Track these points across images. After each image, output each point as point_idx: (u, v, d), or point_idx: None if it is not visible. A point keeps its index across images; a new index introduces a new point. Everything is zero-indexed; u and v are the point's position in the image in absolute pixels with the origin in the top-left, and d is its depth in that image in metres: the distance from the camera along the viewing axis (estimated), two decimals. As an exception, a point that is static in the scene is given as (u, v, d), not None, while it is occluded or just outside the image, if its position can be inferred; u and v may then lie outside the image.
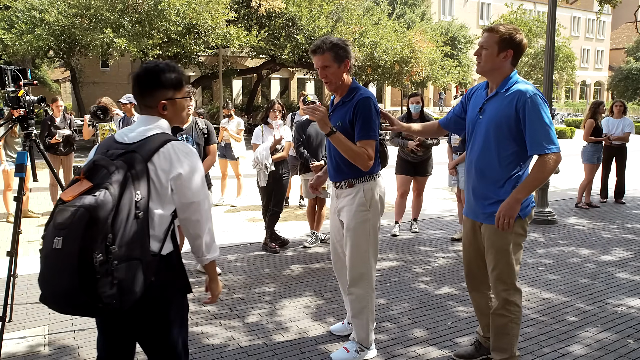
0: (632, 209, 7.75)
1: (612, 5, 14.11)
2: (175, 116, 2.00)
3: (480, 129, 2.68)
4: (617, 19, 53.42)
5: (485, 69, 2.64)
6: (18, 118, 3.45)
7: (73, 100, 27.33)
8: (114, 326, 1.96)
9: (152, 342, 1.96)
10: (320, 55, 2.78)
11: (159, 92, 1.92)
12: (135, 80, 1.93)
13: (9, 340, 3.32)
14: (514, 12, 31.00)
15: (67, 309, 1.70)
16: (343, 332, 3.39)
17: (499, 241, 2.66)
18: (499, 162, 2.62)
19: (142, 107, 1.96)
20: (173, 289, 1.93)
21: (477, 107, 2.73)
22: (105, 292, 1.61)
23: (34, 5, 15.43)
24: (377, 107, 2.86)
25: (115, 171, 1.70)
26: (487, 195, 2.68)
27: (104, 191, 1.64)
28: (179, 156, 1.85)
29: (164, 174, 1.82)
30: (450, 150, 5.97)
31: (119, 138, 1.89)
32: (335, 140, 2.77)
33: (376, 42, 20.58)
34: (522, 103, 2.52)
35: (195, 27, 15.94)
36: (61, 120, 7.09)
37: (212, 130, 4.55)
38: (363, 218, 2.93)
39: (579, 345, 3.29)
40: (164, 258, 1.87)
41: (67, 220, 1.59)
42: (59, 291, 1.62)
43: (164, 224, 1.85)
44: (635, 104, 39.97)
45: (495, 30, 2.58)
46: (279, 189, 5.40)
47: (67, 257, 1.57)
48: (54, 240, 1.59)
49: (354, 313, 3.04)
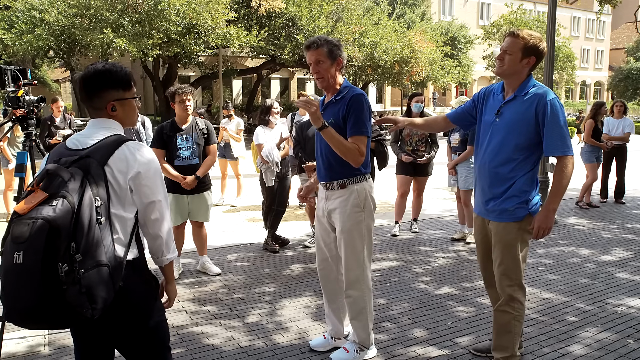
0: (632, 209, 7.75)
1: (612, 5, 14.11)
2: (126, 117, 1.93)
3: (497, 131, 2.73)
4: (617, 19, 53.42)
5: (506, 73, 2.70)
6: (18, 118, 3.46)
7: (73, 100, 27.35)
8: (88, 336, 1.92)
9: (129, 349, 1.93)
10: (314, 50, 2.80)
11: (107, 93, 1.86)
12: (82, 83, 1.85)
13: (9, 340, 3.31)
14: (514, 12, 30.98)
15: (36, 325, 1.65)
16: (325, 347, 3.19)
17: (506, 237, 2.72)
18: (515, 164, 2.69)
19: (91, 111, 1.90)
20: (143, 293, 1.90)
21: (494, 109, 2.78)
22: (74, 302, 1.57)
23: (34, 5, 15.44)
24: (370, 105, 2.87)
25: (70, 178, 1.64)
26: (497, 194, 2.74)
27: (61, 200, 1.59)
28: (135, 156, 1.81)
29: (121, 175, 1.77)
30: (450, 150, 5.97)
31: (71, 144, 1.83)
32: (327, 135, 2.75)
33: (376, 42, 20.58)
34: (542, 106, 2.60)
35: (195, 27, 15.95)
36: (61, 120, 7.09)
37: (212, 130, 4.55)
38: (358, 219, 2.90)
39: (579, 345, 3.29)
40: (130, 263, 1.83)
41: (26, 233, 1.53)
42: (25, 307, 1.57)
43: (127, 227, 1.81)
44: (635, 104, 39.98)
45: (521, 36, 2.63)
46: (282, 188, 5.41)
47: (30, 271, 1.52)
48: (14, 255, 1.53)
49: (353, 315, 3.02)
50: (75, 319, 1.62)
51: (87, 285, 1.60)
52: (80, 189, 1.64)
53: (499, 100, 2.78)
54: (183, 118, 4.39)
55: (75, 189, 1.63)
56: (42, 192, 1.63)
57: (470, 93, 39.78)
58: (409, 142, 5.90)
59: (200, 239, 4.70)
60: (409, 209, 6.37)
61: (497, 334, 2.83)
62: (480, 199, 2.86)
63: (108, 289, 1.68)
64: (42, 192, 1.63)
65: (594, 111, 7.87)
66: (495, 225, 2.76)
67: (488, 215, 2.81)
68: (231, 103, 8.28)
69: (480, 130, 2.86)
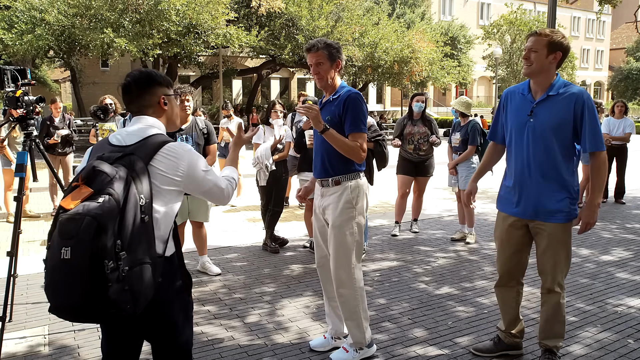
0: (632, 209, 7.75)
1: (612, 5, 14.12)
2: (172, 113, 2.03)
3: (534, 132, 2.76)
4: (617, 19, 53.43)
5: (535, 71, 2.73)
6: (17, 118, 3.45)
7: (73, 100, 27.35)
8: (119, 329, 1.96)
9: (159, 342, 1.97)
10: (314, 52, 2.90)
11: (158, 89, 1.96)
12: (132, 83, 1.93)
13: (9, 340, 3.31)
14: (514, 12, 30.99)
15: (80, 318, 1.68)
16: (325, 347, 3.20)
17: (562, 236, 2.80)
18: (564, 162, 2.75)
19: (137, 109, 1.96)
20: (177, 289, 1.94)
21: (524, 110, 2.81)
22: (119, 299, 1.59)
23: (34, 5, 15.44)
24: (365, 104, 2.96)
25: (116, 175, 1.66)
26: (549, 195, 2.77)
27: (107, 197, 1.61)
28: (178, 155, 1.86)
29: (165, 174, 1.82)
30: (451, 150, 5.97)
31: (114, 140, 1.88)
32: (329, 137, 2.84)
33: (376, 42, 20.59)
34: (580, 105, 2.67)
35: (195, 27, 15.96)
36: (60, 120, 7.09)
37: (212, 130, 4.55)
38: (349, 215, 2.94)
39: (579, 345, 3.29)
40: (168, 259, 1.88)
41: (74, 230, 1.54)
42: (72, 302, 1.59)
43: (168, 224, 1.86)
44: (635, 104, 39.96)
45: (544, 34, 2.70)
46: (279, 188, 5.40)
47: (78, 267, 1.54)
48: (61, 251, 1.55)
49: (346, 315, 3.01)
50: (118, 315, 1.64)
51: (131, 282, 1.63)
52: (126, 186, 1.67)
53: (530, 101, 2.80)
54: (183, 118, 4.39)
55: (121, 186, 1.66)
56: (87, 188, 1.64)
57: (470, 93, 39.81)
58: (411, 141, 5.89)
59: (200, 239, 4.70)
60: (409, 209, 6.37)
61: (550, 324, 2.90)
62: (524, 200, 2.85)
63: (150, 286, 1.71)
64: (87, 187, 1.65)
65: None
66: (550, 226, 2.79)
67: (536, 216, 2.82)
68: (230, 103, 8.30)
69: (511, 131, 2.88)
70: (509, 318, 3.10)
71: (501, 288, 3.09)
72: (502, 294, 3.10)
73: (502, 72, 32.40)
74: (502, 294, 3.10)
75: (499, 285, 3.11)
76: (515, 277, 3.04)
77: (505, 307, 3.11)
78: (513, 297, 3.06)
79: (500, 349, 3.13)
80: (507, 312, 3.10)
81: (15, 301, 3.85)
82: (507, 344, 3.12)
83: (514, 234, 2.95)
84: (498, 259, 3.09)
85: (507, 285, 3.06)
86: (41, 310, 3.81)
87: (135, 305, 1.66)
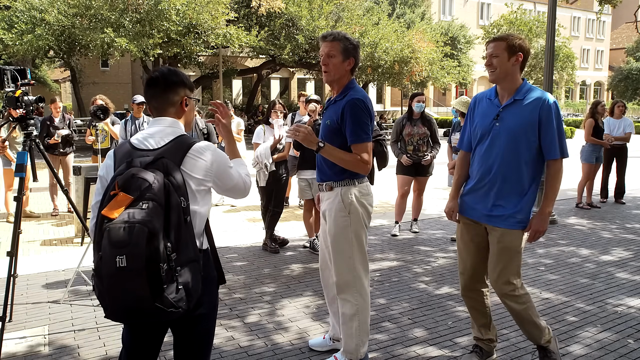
0: (632, 209, 7.75)
1: (612, 5, 14.11)
2: (190, 116, 2.07)
3: (499, 136, 2.74)
4: (617, 19, 53.43)
5: (500, 76, 2.72)
6: (17, 118, 3.45)
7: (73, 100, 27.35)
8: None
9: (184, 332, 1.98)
10: (329, 41, 2.73)
11: (182, 89, 1.99)
12: (160, 78, 1.95)
13: (9, 340, 3.31)
14: (514, 12, 31.01)
15: (139, 320, 1.76)
16: (323, 347, 3.18)
17: (514, 242, 2.76)
18: (526, 168, 2.72)
19: (159, 105, 1.97)
20: (211, 280, 2.00)
21: (490, 115, 2.79)
22: (175, 298, 1.67)
23: (34, 5, 15.44)
24: (370, 108, 2.76)
25: (155, 181, 1.69)
26: (509, 201, 2.74)
27: (150, 202, 1.64)
28: (207, 155, 1.91)
29: (195, 175, 1.87)
30: (450, 150, 5.97)
31: (138, 144, 1.89)
32: (326, 154, 2.72)
33: (376, 42, 20.58)
34: (545, 110, 2.65)
35: (196, 27, 15.96)
36: (60, 120, 7.08)
37: (212, 130, 4.56)
38: (343, 224, 2.81)
39: (579, 345, 3.29)
40: (205, 253, 1.96)
41: (126, 238, 1.58)
42: (131, 306, 1.65)
43: (202, 221, 1.93)
44: (635, 104, 39.98)
45: (501, 38, 2.71)
46: (279, 189, 5.40)
47: (135, 274, 1.59)
48: (116, 260, 1.58)
49: (343, 320, 2.90)
50: (175, 314, 1.69)
51: (183, 281, 1.70)
52: (165, 190, 1.71)
53: (496, 105, 2.78)
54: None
55: (161, 190, 1.69)
56: (126, 196, 1.67)
57: (470, 93, 39.78)
58: (410, 142, 5.89)
59: (200, 239, 4.70)
60: (409, 209, 6.37)
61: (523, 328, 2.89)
62: (482, 204, 2.82)
63: (199, 282, 1.79)
64: (125, 195, 1.67)
65: (592, 110, 7.86)
66: (502, 232, 2.75)
67: (490, 220, 2.79)
68: (231, 104, 8.32)
69: (477, 136, 2.85)
70: (483, 323, 3.03)
71: (469, 293, 3.00)
72: (471, 300, 3.01)
73: (502, 72, 32.33)
74: (471, 301, 3.02)
75: (466, 291, 3.01)
76: (481, 279, 2.97)
77: (476, 314, 3.03)
78: (482, 301, 3.00)
79: (486, 357, 3.07)
80: (479, 318, 3.03)
81: (15, 301, 3.86)
82: (488, 350, 3.06)
83: (476, 234, 2.90)
84: (461, 263, 3.01)
85: (475, 288, 2.98)
86: (41, 310, 3.81)
87: (189, 302, 1.73)
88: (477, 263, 2.94)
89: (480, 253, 2.92)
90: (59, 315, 3.71)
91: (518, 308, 2.80)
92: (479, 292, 2.99)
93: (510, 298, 2.79)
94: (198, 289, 1.78)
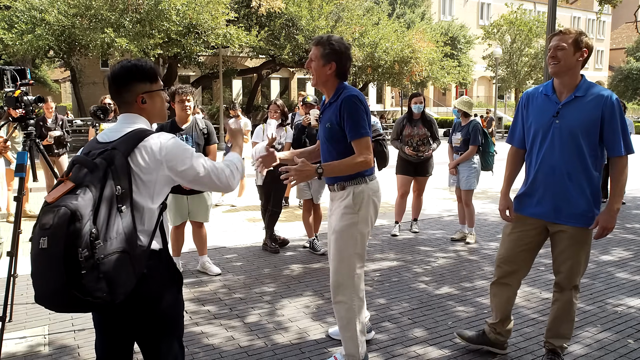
0: (632, 209, 7.76)
1: (612, 5, 14.10)
2: (155, 109, 2.00)
3: (560, 133, 2.72)
4: (617, 19, 53.42)
5: (563, 69, 2.69)
6: (16, 118, 3.45)
7: (73, 100, 27.34)
8: (110, 325, 1.98)
9: (148, 340, 1.97)
10: (313, 45, 2.80)
11: (136, 86, 1.94)
12: (112, 78, 1.94)
13: (9, 340, 3.31)
14: (514, 12, 30.99)
15: (61, 307, 1.73)
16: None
17: (583, 239, 2.78)
18: (590, 165, 2.72)
19: (121, 106, 1.98)
20: (166, 285, 1.95)
21: (548, 112, 2.77)
22: (93, 287, 1.64)
23: (34, 5, 15.45)
24: (365, 103, 2.78)
25: (94, 168, 1.74)
26: (576, 199, 2.74)
27: (84, 188, 1.69)
28: (158, 145, 1.86)
29: (145, 165, 1.83)
30: (451, 150, 5.97)
31: (101, 138, 1.92)
32: (328, 173, 2.74)
33: (376, 42, 20.60)
34: (609, 107, 2.64)
35: (196, 27, 15.97)
36: (52, 121, 7.02)
37: (212, 130, 4.55)
38: (350, 221, 2.81)
39: (579, 345, 3.28)
40: (155, 253, 1.89)
41: (50, 220, 1.62)
42: (50, 289, 1.65)
43: (152, 217, 1.88)
44: (635, 104, 39.97)
45: (569, 31, 2.68)
46: (277, 188, 5.40)
47: (53, 256, 1.60)
48: (40, 241, 1.63)
49: (340, 325, 2.89)
50: (96, 304, 1.68)
51: (105, 270, 1.67)
52: (103, 178, 1.73)
53: (555, 102, 2.76)
54: (183, 118, 4.39)
55: (98, 178, 1.72)
56: (70, 182, 1.73)
57: (470, 93, 39.81)
58: (410, 142, 5.89)
59: (200, 239, 4.70)
60: (409, 209, 6.37)
61: (559, 323, 2.89)
62: (546, 202, 2.82)
63: (128, 275, 1.74)
64: (69, 182, 1.74)
65: None
66: (572, 229, 2.77)
67: (558, 218, 2.79)
68: (237, 104, 8.41)
69: (534, 133, 2.82)
70: (500, 314, 3.06)
71: (499, 285, 3.04)
72: (499, 291, 3.05)
73: (502, 72, 32.40)
74: (498, 291, 3.05)
75: (497, 281, 3.05)
76: (517, 277, 3.00)
77: (498, 304, 3.07)
78: (509, 296, 3.03)
79: (481, 342, 3.13)
80: (499, 309, 3.06)
81: (15, 301, 3.85)
82: (491, 339, 3.10)
83: (529, 234, 2.91)
84: (502, 256, 3.01)
85: (507, 283, 3.01)
86: (41, 310, 3.81)
87: (112, 294, 1.69)
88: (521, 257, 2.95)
89: (529, 253, 2.95)
90: (59, 315, 3.70)
91: (575, 302, 2.85)
92: (509, 287, 3.02)
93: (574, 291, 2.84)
94: (127, 284, 1.73)
